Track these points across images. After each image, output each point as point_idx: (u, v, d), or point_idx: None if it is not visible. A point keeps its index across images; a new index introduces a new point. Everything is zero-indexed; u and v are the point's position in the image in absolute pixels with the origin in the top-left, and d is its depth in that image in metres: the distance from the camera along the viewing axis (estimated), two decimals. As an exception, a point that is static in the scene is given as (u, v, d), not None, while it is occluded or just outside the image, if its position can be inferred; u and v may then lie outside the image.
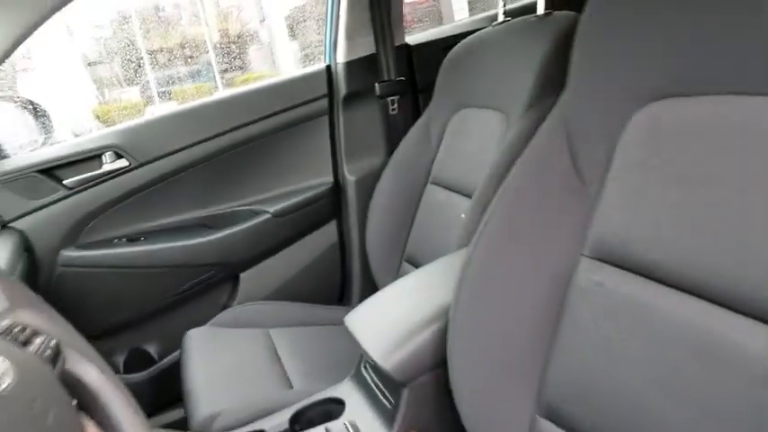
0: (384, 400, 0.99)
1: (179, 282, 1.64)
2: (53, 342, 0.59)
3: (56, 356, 0.58)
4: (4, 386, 0.47)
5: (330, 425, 1.01)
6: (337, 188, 1.80)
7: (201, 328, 1.51)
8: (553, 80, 1.10)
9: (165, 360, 1.66)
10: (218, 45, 6.96)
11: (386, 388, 0.99)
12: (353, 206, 1.76)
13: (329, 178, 1.80)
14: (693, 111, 0.68)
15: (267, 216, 1.69)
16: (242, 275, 1.72)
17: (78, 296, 1.54)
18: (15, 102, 1.70)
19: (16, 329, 0.58)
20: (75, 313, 1.14)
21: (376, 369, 1.02)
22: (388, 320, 0.99)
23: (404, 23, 1.79)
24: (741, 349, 0.60)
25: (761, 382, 0.57)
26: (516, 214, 0.86)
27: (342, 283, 1.85)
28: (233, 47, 6.86)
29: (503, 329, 0.85)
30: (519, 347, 0.84)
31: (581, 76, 0.85)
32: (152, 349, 1.67)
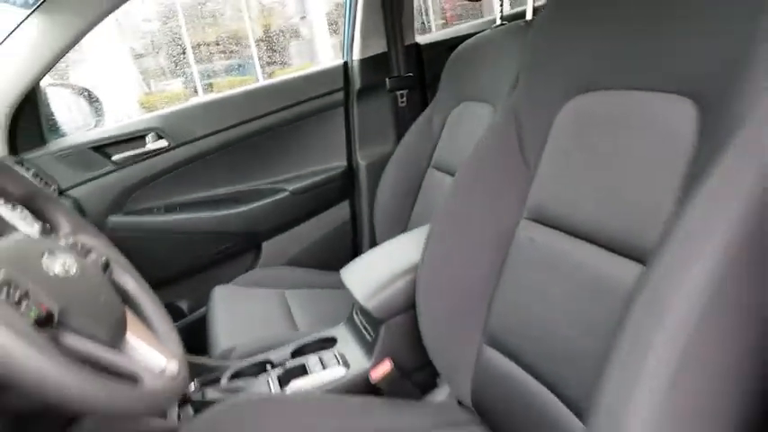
0: (367, 335, 1.20)
1: (208, 247, 1.87)
2: (104, 258, 0.82)
3: (106, 267, 0.81)
4: (71, 273, 0.69)
5: (322, 353, 1.23)
6: (350, 171, 2.01)
7: (226, 285, 1.75)
8: None
9: (194, 315, 1.89)
10: (261, 40, 7.22)
11: (369, 325, 1.20)
12: (364, 187, 1.97)
13: (343, 162, 2.01)
14: (604, 103, 0.86)
15: (286, 194, 1.92)
16: (264, 245, 1.95)
17: None
18: (73, 89, 1.93)
19: (78, 246, 0.80)
20: None
21: (363, 311, 1.23)
22: (372, 272, 1.20)
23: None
24: (619, 283, 0.78)
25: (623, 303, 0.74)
26: (472, 187, 1.05)
27: (353, 255, 2.06)
28: (268, 43, 7.10)
29: (458, 278, 1.05)
30: (470, 292, 1.04)
31: (527, 74, 1.04)
32: (183, 305, 1.90)
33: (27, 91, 1.56)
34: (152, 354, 0.75)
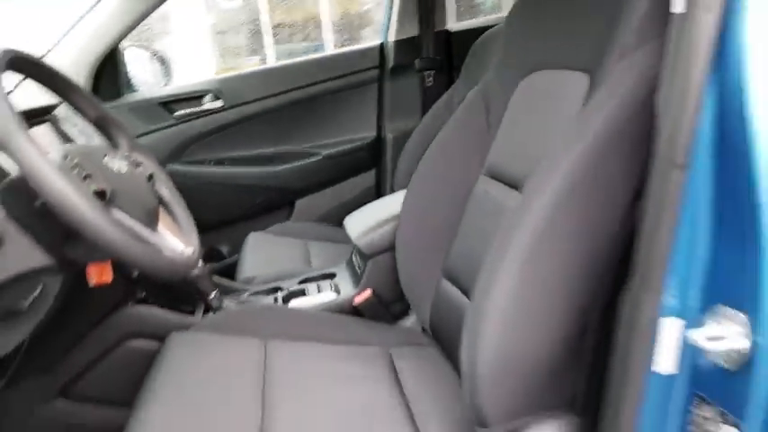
0: (357, 270, 1.44)
1: (248, 199, 2.14)
2: (150, 171, 1.08)
3: (150, 178, 1.07)
4: (123, 172, 0.96)
5: (321, 283, 1.48)
6: (378, 142, 2.24)
7: (259, 232, 2.01)
8: None
9: (232, 258, 2.14)
10: (336, 25, 7.48)
11: (360, 261, 1.44)
12: (389, 157, 2.19)
13: (372, 133, 2.24)
14: (542, 80, 1.07)
15: (320, 158, 2.16)
16: (297, 202, 2.20)
17: None
18: (148, 51, 2.20)
19: (132, 158, 1.07)
20: None
21: (357, 251, 1.46)
22: (367, 218, 1.44)
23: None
24: None
25: None
26: (445, 150, 1.28)
27: None
28: (342, 27, 7.36)
29: (428, 224, 1.27)
30: (437, 236, 1.25)
31: (498, 59, 1.24)
32: (224, 249, 2.17)
33: (109, 51, 1.85)
34: (176, 241, 1.01)
